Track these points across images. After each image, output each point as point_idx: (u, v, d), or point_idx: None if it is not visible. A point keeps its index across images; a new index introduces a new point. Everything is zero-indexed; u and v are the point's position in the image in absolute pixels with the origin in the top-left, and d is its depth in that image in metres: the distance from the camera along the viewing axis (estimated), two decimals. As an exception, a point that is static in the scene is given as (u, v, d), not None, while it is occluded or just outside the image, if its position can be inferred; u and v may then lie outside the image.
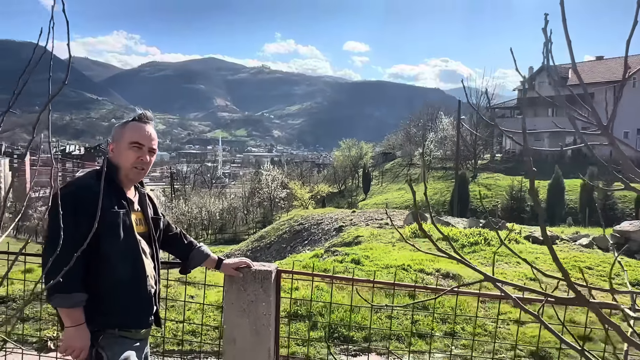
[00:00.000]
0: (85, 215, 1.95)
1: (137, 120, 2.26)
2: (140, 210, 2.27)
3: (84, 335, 1.97)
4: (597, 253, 11.51)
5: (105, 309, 2.04)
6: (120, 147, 2.19)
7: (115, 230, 2.06)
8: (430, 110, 55.34)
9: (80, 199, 1.98)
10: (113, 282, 2.06)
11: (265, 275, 2.26)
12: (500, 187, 31.00)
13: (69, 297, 1.93)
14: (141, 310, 2.17)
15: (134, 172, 2.19)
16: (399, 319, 5.75)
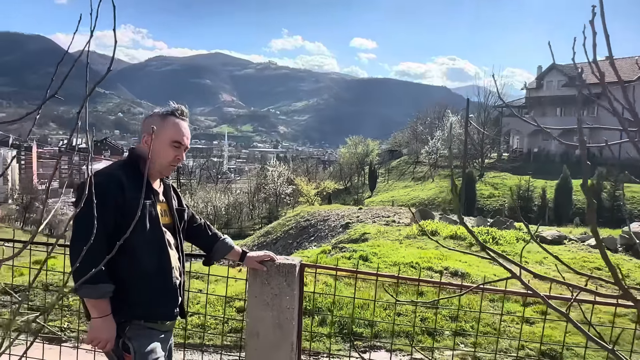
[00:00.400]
0: (112, 206, 1.95)
1: (176, 117, 2.21)
2: (165, 202, 2.26)
3: (110, 326, 1.97)
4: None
5: (131, 300, 2.03)
6: (159, 143, 2.14)
7: (141, 221, 2.04)
8: (437, 108, 55.18)
9: (108, 189, 1.96)
10: (139, 273, 2.05)
11: (289, 269, 2.26)
12: (507, 187, 30.88)
13: (96, 288, 1.92)
14: (167, 302, 2.15)
15: (168, 169, 2.20)
16: (407, 316, 5.75)
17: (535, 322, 5.80)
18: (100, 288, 1.92)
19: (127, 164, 2.14)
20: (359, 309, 5.59)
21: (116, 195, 1.98)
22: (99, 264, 1.81)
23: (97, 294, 1.93)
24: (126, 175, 2.05)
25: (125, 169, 2.10)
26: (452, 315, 5.79)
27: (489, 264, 9.49)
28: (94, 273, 1.83)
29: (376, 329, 5.21)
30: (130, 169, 2.11)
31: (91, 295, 1.93)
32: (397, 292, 6.15)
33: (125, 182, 2.02)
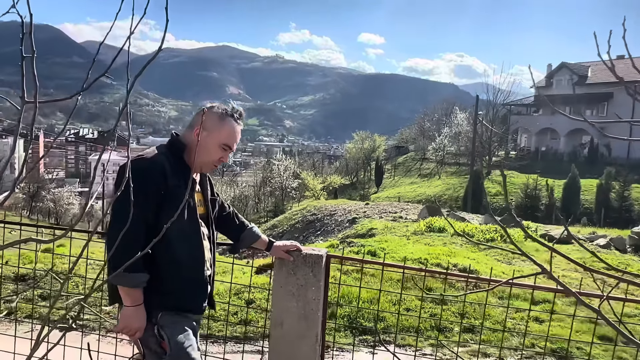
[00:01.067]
0: (154, 193, 1.94)
1: (234, 120, 2.19)
2: (200, 191, 2.24)
3: (142, 315, 1.96)
4: (614, 254, 11.39)
5: (163, 290, 2.01)
6: (210, 141, 2.12)
7: (179, 210, 2.00)
8: (445, 105, 54.96)
9: (151, 175, 1.94)
10: (172, 263, 2.03)
11: (316, 259, 2.23)
12: (514, 185, 30.73)
13: (133, 277, 1.90)
14: (198, 294, 2.14)
15: (209, 167, 2.20)
16: (416, 311, 5.73)
17: (545, 321, 5.77)
18: (136, 277, 1.91)
19: (170, 151, 2.11)
20: (368, 303, 5.58)
21: (159, 182, 1.96)
22: (137, 252, 1.79)
23: (132, 282, 1.91)
24: (169, 163, 2.03)
25: (168, 156, 2.07)
26: (460, 311, 5.77)
27: (496, 262, 9.46)
28: (131, 261, 1.83)
29: (385, 324, 5.20)
30: (173, 157, 2.08)
31: (127, 283, 1.91)
32: (425, 286, 6.13)
33: (168, 169, 2.00)
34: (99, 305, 4.73)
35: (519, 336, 5.21)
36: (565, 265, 9.49)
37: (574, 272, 8.89)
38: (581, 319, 5.57)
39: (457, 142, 44.67)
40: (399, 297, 5.74)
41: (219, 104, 2.22)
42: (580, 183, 27.52)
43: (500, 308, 5.93)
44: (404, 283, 6.34)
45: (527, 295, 6.47)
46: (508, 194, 30.02)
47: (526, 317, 5.80)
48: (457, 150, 44.65)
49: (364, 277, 6.72)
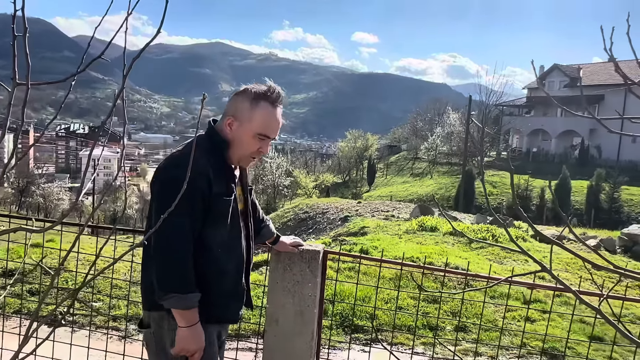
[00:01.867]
0: (200, 205, 1.77)
1: (270, 102, 1.90)
2: (240, 184, 2.05)
3: (199, 335, 1.79)
4: (604, 255, 11.47)
5: (202, 301, 1.83)
6: (244, 131, 1.87)
7: (223, 219, 1.86)
8: (437, 105, 55.18)
9: (196, 186, 1.74)
10: (214, 272, 1.87)
11: (313, 255, 2.20)
12: (505, 185, 30.91)
13: (184, 298, 1.74)
14: (237, 303, 2.01)
15: (248, 161, 1.96)
16: (409, 309, 5.72)
17: (537, 320, 5.79)
18: (189, 298, 1.74)
19: (211, 151, 1.87)
20: (360, 301, 5.56)
21: (204, 192, 1.77)
22: (187, 270, 1.73)
23: (184, 304, 1.74)
24: (212, 167, 1.82)
25: (210, 158, 1.84)
26: (453, 310, 5.77)
27: (488, 261, 9.48)
28: (180, 281, 1.74)
29: (377, 322, 5.18)
30: (215, 158, 1.86)
31: (179, 305, 1.74)
32: (422, 283, 6.12)
33: (212, 176, 1.80)
34: (89, 300, 4.67)
35: (511, 335, 5.22)
36: (557, 264, 9.54)
37: (565, 273, 8.94)
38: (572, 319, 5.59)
39: (450, 142, 44.86)
40: (392, 295, 5.73)
41: (253, 85, 1.94)
42: (571, 184, 27.74)
43: (492, 307, 5.94)
44: (395, 281, 6.33)
45: (518, 295, 6.49)
46: (500, 194, 30.20)
47: (517, 316, 5.82)
48: (449, 150, 44.83)
49: (356, 275, 6.71)
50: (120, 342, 3.82)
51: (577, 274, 8.76)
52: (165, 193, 1.77)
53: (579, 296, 1.30)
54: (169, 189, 1.75)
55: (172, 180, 1.74)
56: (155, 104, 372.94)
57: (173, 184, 1.71)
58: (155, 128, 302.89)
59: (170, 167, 1.81)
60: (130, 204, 38.90)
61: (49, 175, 62.21)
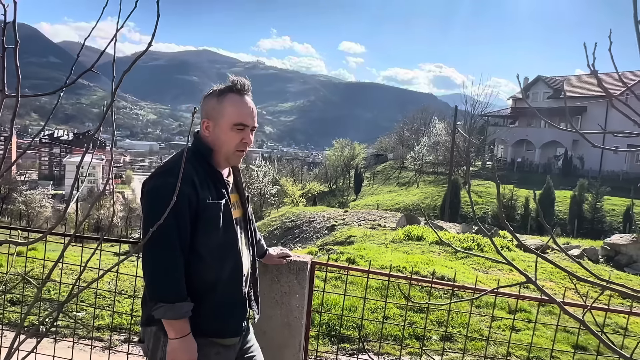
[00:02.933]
0: (187, 212, 1.73)
1: (235, 92, 1.88)
2: (236, 191, 2.01)
3: (191, 346, 1.72)
4: (587, 264, 11.62)
5: (194, 314, 1.77)
6: (219, 127, 1.86)
7: (215, 225, 1.80)
8: (424, 114, 55.68)
9: (182, 193, 1.70)
10: (207, 284, 1.81)
11: (300, 266, 2.18)
12: (491, 195, 31.21)
13: (174, 308, 1.68)
14: (233, 315, 1.91)
15: (236, 156, 1.91)
16: (395, 319, 5.72)
17: (522, 330, 5.83)
18: (178, 308, 1.69)
19: (195, 157, 1.85)
20: (347, 311, 5.55)
21: (189, 197, 1.74)
22: (177, 279, 1.70)
23: (174, 314, 1.68)
24: (197, 173, 1.79)
25: (194, 164, 1.82)
26: (439, 320, 5.79)
27: (473, 271, 9.54)
28: (169, 290, 1.70)
29: (363, 332, 5.17)
30: (200, 164, 1.84)
31: (168, 315, 1.68)
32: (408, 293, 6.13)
33: (197, 182, 1.77)
34: (73, 311, 4.59)
35: (496, 345, 5.24)
36: (541, 274, 9.63)
37: (549, 282, 9.03)
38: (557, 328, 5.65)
39: (436, 152, 45.24)
40: (379, 305, 5.73)
41: (217, 85, 1.94)
42: (555, 194, 28.10)
43: (477, 317, 5.98)
44: (382, 291, 6.34)
45: (503, 304, 6.54)
46: (485, 203, 30.47)
47: (503, 325, 5.86)
48: (435, 159, 45.20)
49: (342, 284, 6.70)
50: (104, 353, 3.76)
51: (561, 284, 8.86)
52: (149, 202, 1.76)
53: (563, 307, 1.32)
54: (153, 198, 1.74)
55: (155, 189, 1.74)
56: (141, 111, 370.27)
57: (156, 192, 1.73)
58: (141, 135, 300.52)
59: (154, 177, 1.80)
60: (115, 212, 38.40)
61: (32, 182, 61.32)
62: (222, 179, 1.89)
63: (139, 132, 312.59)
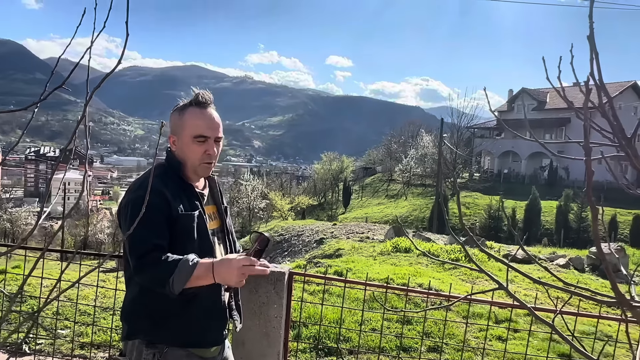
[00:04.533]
0: (160, 220, 1.74)
1: (195, 105, 1.93)
2: (213, 202, 2.04)
3: (227, 265, 1.66)
4: (573, 273, 11.73)
5: (174, 324, 1.78)
6: (182, 141, 1.90)
7: (188, 236, 1.81)
8: (411, 127, 56.12)
9: (152, 204, 1.70)
10: (186, 294, 1.75)
11: (278, 276, 2.20)
12: (478, 206, 31.43)
13: (180, 270, 1.64)
14: (214, 325, 1.90)
15: (202, 168, 1.93)
16: (383, 332, 5.72)
17: (508, 340, 5.86)
18: (183, 266, 1.64)
19: (167, 172, 1.89)
20: (334, 323, 5.54)
21: (161, 208, 1.76)
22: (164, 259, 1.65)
23: (185, 274, 1.64)
24: (166, 186, 1.81)
25: (165, 178, 1.86)
26: (426, 331, 5.80)
27: (460, 282, 9.59)
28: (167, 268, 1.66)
29: (350, 345, 5.17)
30: (171, 178, 1.88)
31: (183, 279, 1.63)
32: (390, 306, 6.14)
33: (169, 195, 1.79)
34: (55, 328, 4.54)
35: (482, 355, 5.27)
36: (528, 284, 9.70)
37: (535, 291, 9.09)
38: (542, 337, 5.70)
39: (423, 164, 45.51)
40: (366, 317, 5.73)
41: (183, 100, 1.98)
42: (541, 204, 28.38)
43: (464, 327, 6.00)
44: (370, 303, 6.35)
45: (491, 315, 6.57)
46: (473, 215, 30.67)
47: (489, 335, 5.88)
48: (423, 171, 45.46)
49: (330, 297, 6.69)
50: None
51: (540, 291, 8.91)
52: (125, 217, 1.79)
53: (533, 312, 1.36)
54: (127, 212, 1.78)
55: (128, 203, 1.79)
56: (129, 127, 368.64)
57: (130, 206, 1.77)
58: (128, 151, 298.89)
59: (127, 193, 1.85)
60: (102, 228, 37.98)
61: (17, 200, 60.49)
62: (194, 192, 1.91)
63: (126, 148, 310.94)
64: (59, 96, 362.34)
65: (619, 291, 1.15)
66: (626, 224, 27.34)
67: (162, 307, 1.78)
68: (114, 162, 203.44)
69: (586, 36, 1.06)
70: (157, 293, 1.73)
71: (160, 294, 1.72)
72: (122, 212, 1.81)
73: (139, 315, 1.79)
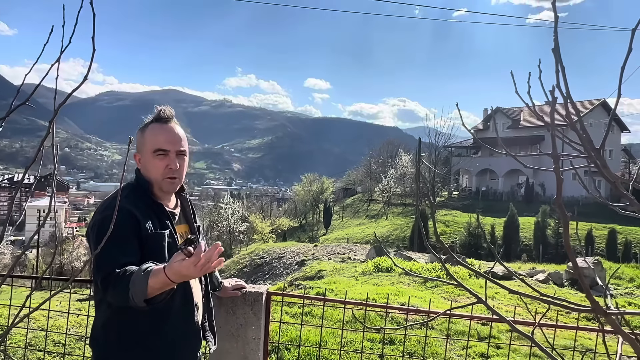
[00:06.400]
0: (128, 237, 1.69)
1: (156, 121, 1.92)
2: (185, 222, 2.00)
3: (180, 266, 1.47)
4: (552, 288, 11.85)
5: (144, 348, 1.73)
6: (144, 157, 1.89)
7: (159, 255, 1.74)
8: (390, 147, 56.71)
9: (120, 224, 1.63)
10: (156, 315, 1.74)
11: (255, 297, 2.16)
12: (458, 224, 31.71)
13: (134, 283, 1.52)
14: (186, 347, 1.87)
15: (166, 184, 1.88)
16: (365, 353, 5.66)
17: (491, 357, 5.85)
18: (136, 280, 1.52)
19: (135, 192, 1.86)
20: (316, 346, 5.47)
21: (132, 229, 1.72)
22: (125, 274, 1.56)
23: (142, 285, 1.51)
24: (135, 206, 1.78)
25: (134, 198, 1.83)
26: (408, 350, 5.76)
27: (443, 300, 9.60)
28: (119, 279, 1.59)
29: (334, 367, 5.09)
30: (140, 197, 1.84)
31: (141, 290, 1.51)
32: (371, 325, 6.08)
33: (138, 214, 1.76)
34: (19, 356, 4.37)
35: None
36: (508, 301, 9.76)
37: (515, 307, 9.14)
38: (524, 353, 5.71)
39: (403, 183, 45.90)
40: (349, 338, 5.67)
41: (144, 121, 1.99)
42: (519, 221, 28.76)
43: (447, 345, 5.97)
44: (352, 324, 6.29)
45: (473, 332, 6.57)
46: (452, 232, 30.90)
47: (472, 353, 5.87)
48: (402, 191, 45.82)
49: (312, 319, 6.62)
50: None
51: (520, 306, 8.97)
52: (92, 238, 1.75)
53: (512, 325, 1.36)
54: (95, 233, 1.74)
55: (95, 224, 1.76)
56: (105, 152, 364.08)
57: (98, 227, 1.74)
58: (105, 176, 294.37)
59: (95, 214, 1.81)
60: (78, 256, 37.10)
61: None
62: (164, 211, 1.87)
63: (103, 173, 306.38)
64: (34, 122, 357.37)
65: (593, 299, 1.16)
66: (602, 238, 27.85)
67: (133, 330, 1.73)
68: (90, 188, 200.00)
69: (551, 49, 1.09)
70: (128, 316, 1.69)
71: (131, 317, 1.68)
72: (90, 233, 1.78)
73: (109, 340, 1.73)
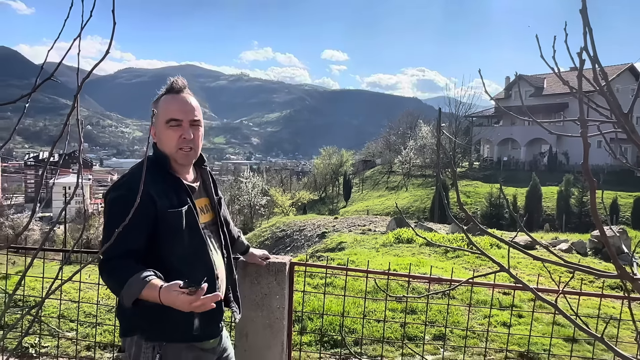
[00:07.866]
0: (140, 222, 1.69)
1: (168, 93, 1.89)
2: (205, 195, 1.99)
3: (172, 295, 1.54)
4: (576, 257, 11.74)
5: (170, 320, 1.73)
6: (158, 129, 1.86)
7: (177, 233, 1.78)
8: (409, 118, 56.04)
9: (131, 205, 1.67)
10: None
11: (279, 267, 2.20)
12: (479, 195, 31.46)
13: (129, 287, 1.59)
14: (210, 319, 1.87)
15: (181, 155, 1.85)
16: (388, 322, 5.73)
17: (513, 325, 5.87)
18: (132, 284, 1.59)
19: (154, 167, 1.84)
20: (339, 315, 5.55)
21: (147, 210, 1.72)
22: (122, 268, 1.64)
23: (133, 291, 1.59)
24: (154, 182, 1.78)
25: (152, 173, 1.81)
26: (430, 320, 5.81)
27: (464, 270, 9.60)
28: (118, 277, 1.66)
29: (356, 336, 5.18)
30: (158, 172, 1.83)
31: (131, 296, 1.60)
32: (388, 290, 6.15)
33: (154, 192, 1.75)
34: (59, 330, 4.55)
35: (488, 341, 5.27)
36: (531, 270, 9.72)
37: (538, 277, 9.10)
38: (547, 322, 5.71)
39: (423, 155, 45.48)
40: (371, 308, 5.74)
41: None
42: (542, 190, 28.38)
43: (469, 314, 6.00)
44: (373, 294, 6.36)
45: (495, 301, 6.58)
46: (474, 203, 30.69)
47: (494, 322, 5.89)
48: (422, 162, 45.44)
49: (334, 290, 6.70)
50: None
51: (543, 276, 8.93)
52: (105, 215, 1.77)
53: (535, 292, 1.35)
54: (108, 210, 1.76)
55: (110, 201, 1.76)
56: (127, 129, 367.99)
57: (111, 205, 1.75)
58: (127, 153, 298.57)
59: (111, 190, 1.81)
60: (103, 232, 38.10)
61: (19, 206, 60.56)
62: (182, 185, 1.86)
63: (125, 150, 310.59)
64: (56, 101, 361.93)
65: (620, 265, 1.14)
66: (627, 206, 27.36)
67: (156, 304, 1.74)
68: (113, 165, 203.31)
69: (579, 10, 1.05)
70: None
71: None
72: (105, 208, 1.79)
73: (134, 312, 1.75)
